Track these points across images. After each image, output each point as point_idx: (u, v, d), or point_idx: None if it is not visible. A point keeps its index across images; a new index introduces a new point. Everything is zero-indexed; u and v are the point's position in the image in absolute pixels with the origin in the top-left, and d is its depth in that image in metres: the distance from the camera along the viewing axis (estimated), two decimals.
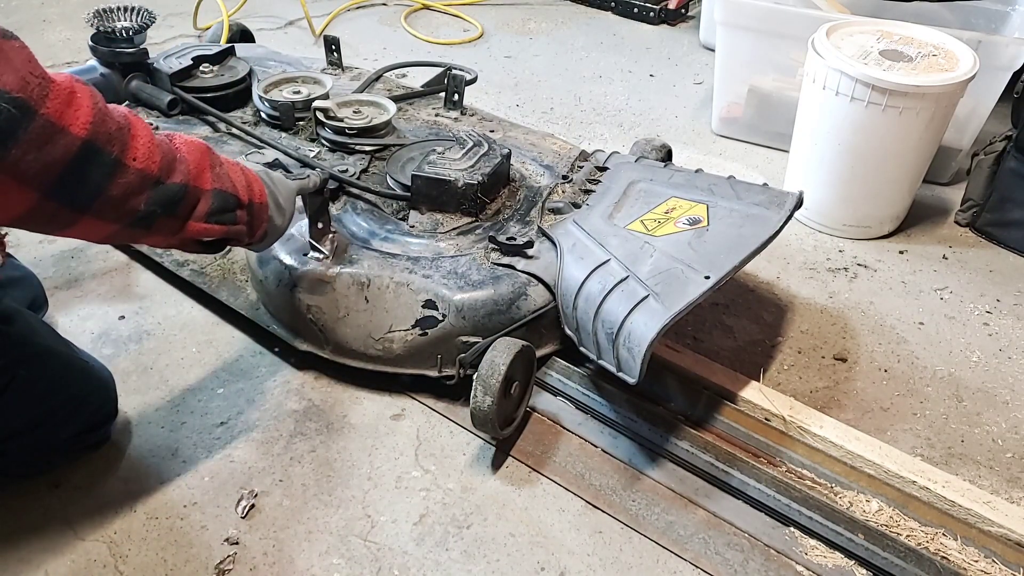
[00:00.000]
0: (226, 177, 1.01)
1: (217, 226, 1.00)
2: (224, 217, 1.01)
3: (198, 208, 0.97)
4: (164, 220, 0.94)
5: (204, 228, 0.99)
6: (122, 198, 0.88)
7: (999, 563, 1.06)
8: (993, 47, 1.70)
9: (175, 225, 0.96)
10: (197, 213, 0.97)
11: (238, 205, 1.03)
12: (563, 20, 2.85)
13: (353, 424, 1.25)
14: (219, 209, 1.00)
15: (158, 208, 0.92)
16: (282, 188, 1.15)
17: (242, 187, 1.04)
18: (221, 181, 1.00)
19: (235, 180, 1.03)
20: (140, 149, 0.89)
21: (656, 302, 1.13)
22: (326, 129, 1.52)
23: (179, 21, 2.61)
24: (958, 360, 1.44)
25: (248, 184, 1.06)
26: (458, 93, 1.72)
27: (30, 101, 0.78)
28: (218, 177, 1.00)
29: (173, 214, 0.95)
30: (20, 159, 0.78)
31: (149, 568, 1.04)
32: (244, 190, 1.04)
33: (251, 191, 1.06)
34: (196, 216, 0.98)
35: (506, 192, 1.44)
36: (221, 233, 1.02)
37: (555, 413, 1.27)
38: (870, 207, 1.72)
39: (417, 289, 1.23)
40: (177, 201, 0.94)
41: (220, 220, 1.00)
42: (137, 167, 0.88)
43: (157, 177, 0.91)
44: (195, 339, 1.39)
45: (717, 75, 2.08)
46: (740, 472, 1.15)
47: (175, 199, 0.94)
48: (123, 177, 0.87)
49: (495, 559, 1.07)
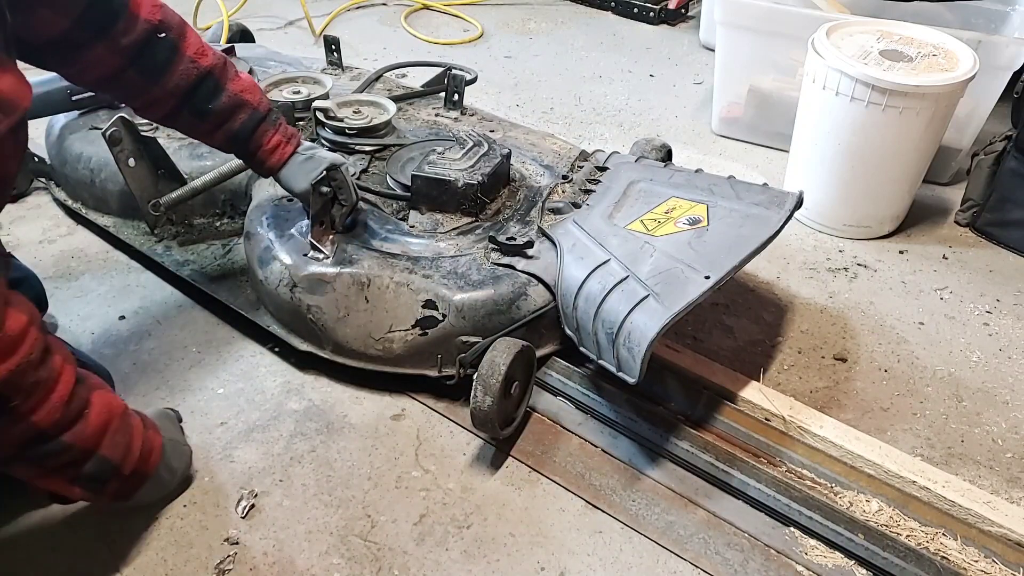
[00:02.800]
0: (121, 445, 0.97)
1: (78, 489, 0.95)
2: (89, 484, 0.95)
3: (68, 469, 0.93)
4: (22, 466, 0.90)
5: (65, 487, 0.94)
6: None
7: (999, 563, 1.06)
8: (993, 47, 1.70)
9: (32, 472, 0.92)
10: (65, 473, 0.93)
11: (114, 475, 0.97)
12: (563, 20, 2.85)
13: (353, 424, 1.25)
14: (91, 476, 0.94)
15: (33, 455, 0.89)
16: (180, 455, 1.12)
17: (133, 457, 0.99)
18: (114, 448, 0.95)
19: (131, 447, 0.98)
20: (49, 406, 0.87)
21: (656, 302, 1.13)
22: (326, 129, 1.52)
23: None
24: (958, 360, 1.44)
25: (145, 453, 1.01)
26: (458, 93, 1.72)
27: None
28: (114, 445, 0.95)
29: (36, 462, 0.90)
30: None
31: (149, 568, 1.04)
32: (135, 461, 0.99)
33: (144, 461, 1.01)
34: (67, 474, 0.93)
35: (506, 192, 1.44)
36: (77, 497, 0.97)
37: (555, 413, 1.27)
38: (870, 207, 1.72)
39: (417, 289, 1.23)
40: (52, 454, 0.90)
41: (85, 486, 0.95)
42: (35, 422, 0.86)
43: (47, 432, 0.88)
44: (195, 339, 1.39)
45: (717, 75, 2.08)
46: (740, 472, 1.15)
47: (51, 451, 0.89)
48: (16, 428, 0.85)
49: (495, 559, 1.07)
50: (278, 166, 1.24)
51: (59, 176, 1.67)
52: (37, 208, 1.70)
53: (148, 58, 1.07)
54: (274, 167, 1.25)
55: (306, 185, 1.24)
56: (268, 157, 1.23)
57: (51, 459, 0.90)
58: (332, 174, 1.25)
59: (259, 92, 1.21)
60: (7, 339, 0.82)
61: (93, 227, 1.62)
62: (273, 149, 1.23)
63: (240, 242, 1.48)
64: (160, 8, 1.07)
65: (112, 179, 1.54)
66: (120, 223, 1.59)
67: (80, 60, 1.03)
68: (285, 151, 1.24)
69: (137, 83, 1.09)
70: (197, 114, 1.15)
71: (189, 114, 1.15)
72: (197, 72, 1.11)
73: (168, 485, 1.11)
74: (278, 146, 1.23)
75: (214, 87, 1.14)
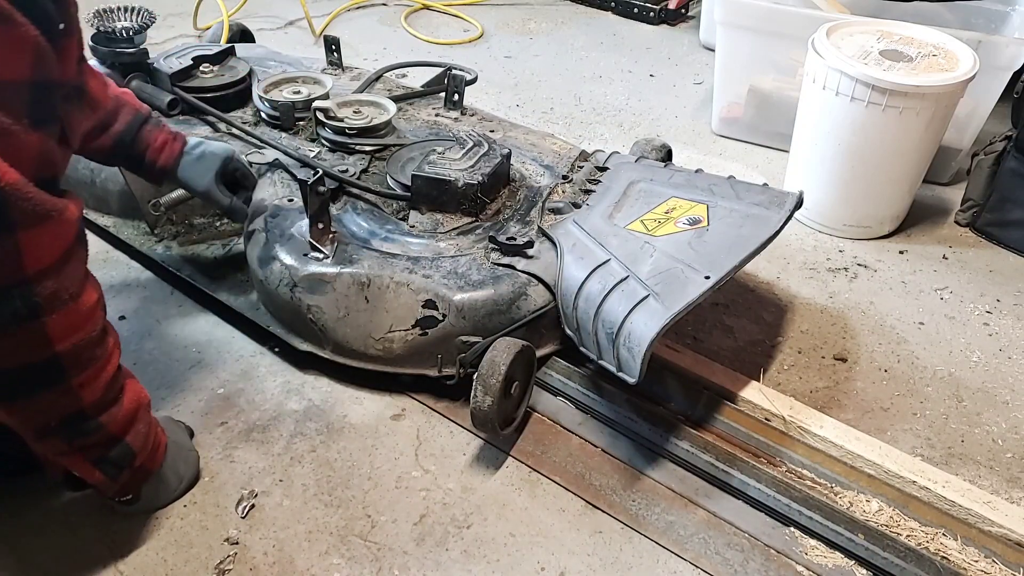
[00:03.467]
0: (142, 435, 0.99)
1: (99, 473, 0.97)
2: (109, 469, 0.97)
3: (95, 449, 0.95)
4: (55, 440, 0.91)
5: (84, 467, 0.96)
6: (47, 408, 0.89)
7: (999, 563, 1.06)
8: (993, 47, 1.70)
9: (63, 448, 0.93)
10: (91, 453, 0.95)
11: (131, 465, 0.99)
12: (563, 20, 2.85)
13: (353, 424, 1.25)
14: (114, 460, 0.97)
15: (68, 432, 0.91)
16: (186, 460, 1.13)
17: (146, 451, 1.01)
18: (136, 437, 0.98)
19: (148, 439, 1.01)
20: (97, 384, 0.90)
21: (656, 302, 1.13)
22: (326, 129, 1.52)
23: (179, 21, 2.61)
24: (958, 360, 1.44)
25: (153, 448, 1.03)
26: (458, 93, 1.72)
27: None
28: (137, 433, 0.98)
29: (69, 438, 0.92)
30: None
31: (149, 568, 1.04)
32: (146, 453, 1.01)
33: (152, 456, 1.03)
34: (93, 455, 0.95)
35: (506, 192, 1.44)
36: (95, 480, 0.97)
37: (555, 413, 1.27)
38: (870, 207, 1.72)
39: (417, 289, 1.23)
40: (87, 431, 0.92)
41: (106, 471, 0.97)
42: (81, 397, 0.89)
43: (87, 410, 0.91)
44: (195, 339, 1.39)
45: (717, 75, 2.08)
46: (740, 472, 1.15)
47: (86, 430, 0.92)
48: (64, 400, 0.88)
49: (495, 559, 1.07)
50: (171, 164, 1.26)
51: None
52: None
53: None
54: (167, 166, 1.26)
55: (209, 180, 1.27)
56: (158, 156, 1.25)
57: (84, 438, 0.92)
58: (234, 164, 1.30)
59: (135, 98, 1.23)
60: (81, 312, 0.86)
61: (93, 227, 1.62)
62: (161, 147, 1.25)
63: (240, 242, 1.48)
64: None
65: (112, 179, 1.54)
66: (120, 223, 1.59)
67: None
68: (174, 148, 1.26)
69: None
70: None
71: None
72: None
73: (176, 490, 1.12)
74: (165, 144, 1.25)
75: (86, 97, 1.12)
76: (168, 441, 1.08)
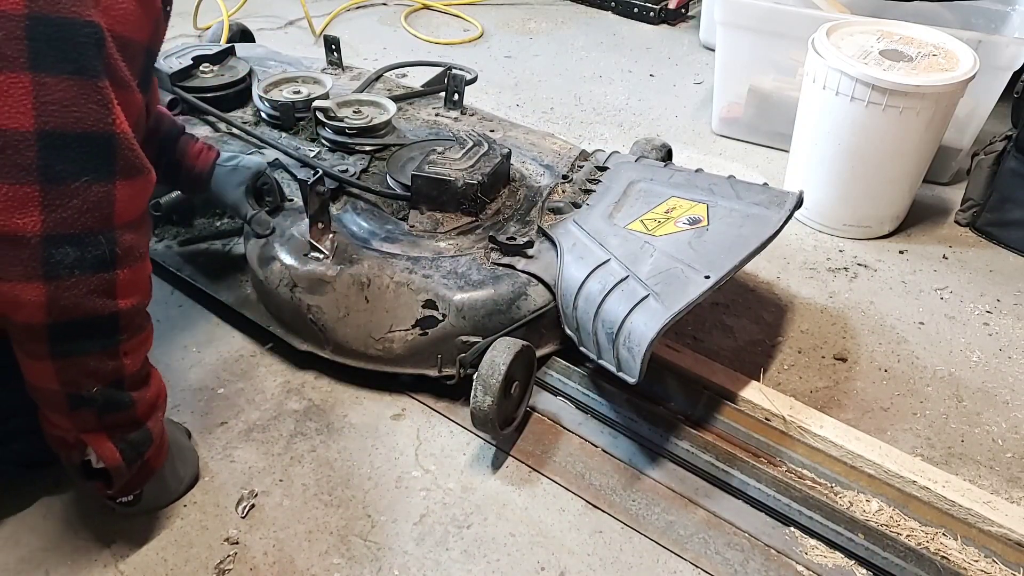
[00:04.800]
0: (160, 425, 1.01)
1: (119, 455, 0.95)
2: (129, 452, 0.96)
3: (121, 429, 0.95)
4: (87, 412, 0.91)
5: (107, 447, 0.94)
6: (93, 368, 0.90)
7: (999, 563, 1.06)
8: (993, 47, 1.70)
9: (91, 422, 0.92)
10: (115, 433, 0.95)
11: (143, 455, 0.99)
12: (563, 20, 2.85)
13: (353, 424, 1.25)
14: (135, 443, 0.97)
15: (103, 401, 0.91)
16: (185, 461, 1.13)
17: (158, 443, 1.01)
18: (155, 425, 1.00)
19: (162, 433, 1.02)
20: (139, 353, 0.94)
21: (656, 302, 1.13)
22: (326, 129, 1.52)
23: (179, 21, 2.61)
24: (958, 360, 1.44)
25: (160, 444, 1.03)
26: (458, 93, 1.72)
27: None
28: (156, 421, 1.00)
29: (102, 410, 0.92)
30: None
31: (149, 568, 1.04)
32: (157, 446, 1.01)
33: (157, 453, 1.02)
34: (116, 435, 0.95)
35: (506, 192, 1.44)
36: (112, 463, 0.96)
37: (555, 413, 1.27)
38: (870, 207, 1.72)
39: (417, 289, 1.23)
40: (119, 404, 0.93)
41: (125, 453, 0.96)
42: (125, 364, 0.91)
43: (125, 380, 0.92)
44: (195, 339, 1.39)
45: (717, 75, 2.08)
46: (740, 472, 1.15)
47: (119, 403, 0.93)
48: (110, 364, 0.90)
49: (495, 559, 1.07)
50: (207, 170, 1.30)
51: None
52: None
53: None
54: (202, 173, 1.30)
55: (240, 192, 1.31)
56: (194, 163, 1.30)
57: (115, 413, 0.93)
58: (264, 178, 1.34)
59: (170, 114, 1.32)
60: (145, 274, 0.91)
61: None
62: (197, 155, 1.30)
63: (240, 242, 1.48)
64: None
65: None
66: None
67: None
68: (208, 156, 1.31)
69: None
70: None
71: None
72: None
73: (176, 492, 1.12)
74: (201, 152, 1.31)
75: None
76: (169, 442, 1.08)
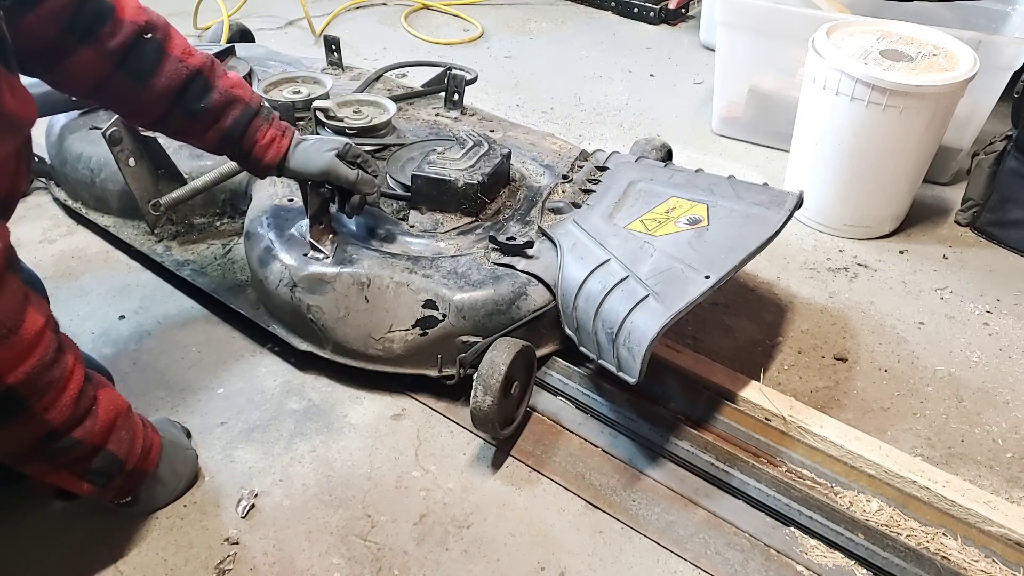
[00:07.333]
0: (126, 441, 0.98)
1: (86, 484, 0.96)
2: (97, 479, 0.96)
3: (78, 463, 0.94)
4: (35, 464, 0.91)
5: (72, 482, 0.95)
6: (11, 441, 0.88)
7: (999, 563, 1.06)
8: (993, 47, 1.70)
9: (44, 468, 0.92)
10: (75, 468, 0.94)
11: (120, 471, 0.98)
12: (563, 20, 2.85)
13: (353, 424, 1.25)
14: (100, 470, 0.96)
15: (46, 452, 0.90)
16: (184, 459, 1.13)
17: (135, 454, 1.00)
18: (119, 444, 0.97)
19: (135, 443, 1.00)
20: (61, 404, 0.88)
21: (656, 302, 1.13)
22: (326, 129, 1.52)
23: (179, 21, 2.60)
24: (958, 360, 1.44)
25: (144, 451, 1.02)
26: (458, 93, 1.72)
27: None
28: (120, 441, 0.97)
29: (48, 460, 0.91)
30: None
31: (149, 568, 1.04)
32: (137, 457, 1.00)
33: (144, 458, 1.02)
34: (76, 470, 0.94)
35: (506, 192, 1.43)
36: (84, 492, 0.97)
37: (555, 413, 1.27)
38: (870, 207, 1.72)
39: (417, 289, 1.23)
40: (63, 450, 0.91)
41: (93, 481, 0.96)
42: (48, 420, 0.88)
43: (59, 429, 0.89)
44: (195, 339, 1.39)
45: (717, 75, 2.08)
46: (740, 472, 1.15)
47: (62, 448, 0.91)
48: (30, 426, 0.87)
49: (495, 559, 1.07)
50: (277, 161, 1.20)
51: (59, 176, 1.67)
52: (37, 208, 1.70)
53: (135, 60, 1.05)
54: (272, 163, 1.20)
55: (330, 157, 1.20)
56: (264, 154, 1.19)
57: (62, 455, 0.91)
58: (353, 150, 1.23)
59: (249, 88, 1.19)
60: (26, 341, 0.83)
61: (93, 227, 1.62)
62: (268, 144, 1.19)
63: (240, 242, 1.48)
64: (144, 10, 1.06)
65: (112, 179, 1.54)
66: (120, 223, 1.59)
67: (67, 67, 1.01)
68: (281, 145, 1.20)
69: (125, 87, 1.07)
70: (189, 115, 1.12)
71: (180, 115, 1.12)
72: (187, 72, 1.09)
73: (175, 490, 1.11)
74: (273, 141, 1.19)
75: (204, 85, 1.12)
76: (164, 441, 1.07)
